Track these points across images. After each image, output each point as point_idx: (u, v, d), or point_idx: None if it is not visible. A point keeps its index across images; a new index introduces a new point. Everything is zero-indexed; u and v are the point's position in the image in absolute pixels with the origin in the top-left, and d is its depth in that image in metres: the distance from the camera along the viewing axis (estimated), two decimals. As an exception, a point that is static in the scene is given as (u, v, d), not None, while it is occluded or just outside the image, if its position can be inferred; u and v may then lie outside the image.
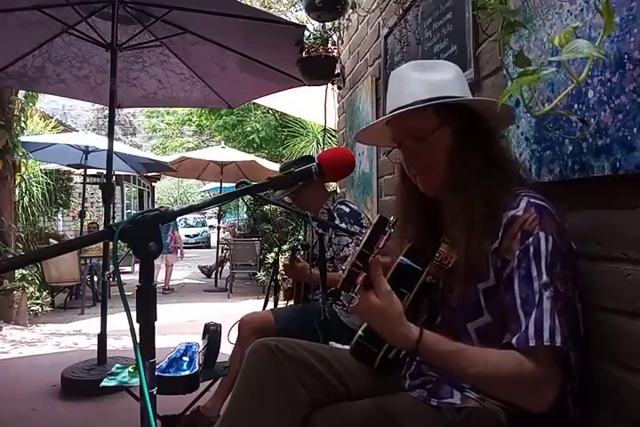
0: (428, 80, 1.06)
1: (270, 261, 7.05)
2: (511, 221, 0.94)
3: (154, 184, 18.50)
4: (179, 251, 8.51)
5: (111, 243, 0.79)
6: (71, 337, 4.63)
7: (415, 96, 1.05)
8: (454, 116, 1.04)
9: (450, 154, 1.04)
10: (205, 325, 2.12)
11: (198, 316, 5.32)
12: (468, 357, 0.91)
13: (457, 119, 1.04)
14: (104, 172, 4.15)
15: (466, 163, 1.02)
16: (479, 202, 0.98)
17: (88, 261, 6.53)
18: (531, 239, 0.91)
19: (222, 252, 9.11)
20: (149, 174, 11.74)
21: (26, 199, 6.78)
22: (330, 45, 2.97)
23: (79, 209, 7.64)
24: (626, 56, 0.90)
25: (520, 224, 0.93)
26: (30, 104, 5.39)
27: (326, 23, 3.01)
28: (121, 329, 3.82)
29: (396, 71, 1.13)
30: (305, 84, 3.25)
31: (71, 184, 8.81)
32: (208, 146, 13.64)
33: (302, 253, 2.32)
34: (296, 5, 8.98)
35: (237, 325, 2.12)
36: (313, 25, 3.28)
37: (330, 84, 3.36)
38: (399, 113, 1.04)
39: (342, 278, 0.90)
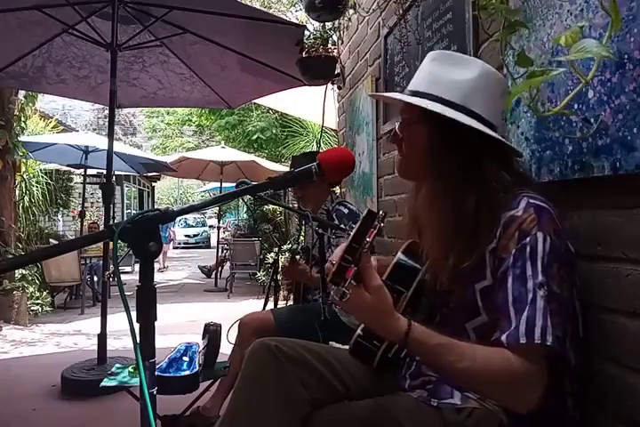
0: (437, 74, 1.05)
1: (270, 261, 7.05)
2: (509, 221, 0.94)
3: (154, 184, 18.53)
4: (172, 242, 13.60)
5: (111, 243, 0.79)
6: (71, 337, 4.63)
7: (417, 86, 1.07)
8: (436, 119, 1.00)
9: (422, 150, 1.06)
10: (205, 325, 2.11)
11: (198, 316, 5.32)
12: (456, 351, 0.90)
13: (435, 122, 1.01)
14: (104, 172, 4.15)
15: (435, 161, 1.03)
16: (440, 203, 1.01)
17: (88, 261, 6.53)
18: (528, 239, 0.91)
19: (222, 252, 9.11)
20: (149, 174, 11.75)
21: (26, 199, 6.78)
22: (330, 45, 2.97)
23: (79, 209, 7.66)
24: (626, 56, 0.90)
25: (518, 224, 0.93)
26: (30, 104, 5.38)
27: (326, 23, 3.01)
28: (121, 329, 3.82)
29: (429, 54, 1.12)
30: (305, 84, 3.25)
31: (71, 184, 8.82)
32: (208, 146, 13.65)
33: (302, 254, 2.32)
34: (296, 5, 8.98)
35: (237, 325, 2.12)
36: (313, 25, 3.28)
37: (330, 84, 3.36)
38: (386, 97, 1.14)
39: (332, 273, 0.90)
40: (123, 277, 1.43)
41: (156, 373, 1.07)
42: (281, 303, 2.40)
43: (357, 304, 0.91)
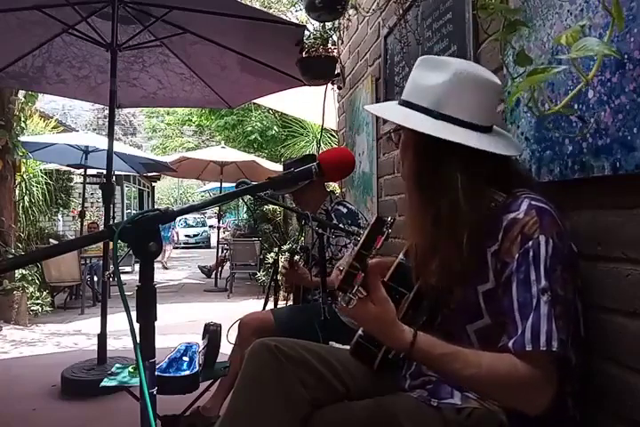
0: (416, 81, 1.07)
1: (270, 261, 7.05)
2: (511, 224, 0.94)
3: (154, 184, 18.53)
4: (173, 242, 14.07)
5: (111, 243, 0.79)
6: (71, 337, 4.63)
7: (404, 93, 1.09)
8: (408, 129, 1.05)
9: (408, 154, 1.09)
10: (205, 325, 2.11)
11: (198, 316, 5.32)
12: (461, 359, 0.90)
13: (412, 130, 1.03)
14: (104, 172, 4.15)
15: (415, 164, 1.06)
16: (417, 207, 1.05)
17: (88, 261, 6.53)
18: (530, 243, 0.91)
19: (222, 252, 9.11)
20: (149, 174, 11.74)
21: (26, 199, 6.78)
22: (330, 45, 2.97)
23: (79, 209, 7.66)
24: (626, 56, 0.90)
25: (520, 227, 0.93)
26: (30, 104, 5.38)
27: (326, 23, 3.01)
28: (121, 329, 3.81)
29: (417, 60, 1.13)
30: (305, 84, 3.25)
31: (71, 184, 8.81)
32: (208, 146, 13.65)
33: (301, 254, 2.32)
34: (296, 5, 8.99)
35: (237, 325, 2.12)
36: (313, 25, 3.28)
37: (330, 84, 3.36)
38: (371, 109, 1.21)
39: (340, 280, 0.90)
40: (123, 277, 1.43)
41: (156, 373, 1.07)
42: (281, 303, 2.40)
43: (363, 315, 0.93)
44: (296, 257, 2.23)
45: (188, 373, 1.87)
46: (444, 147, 0.98)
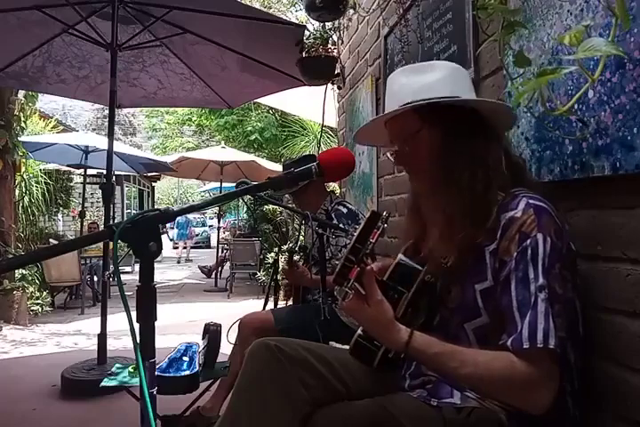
0: (414, 83, 1.07)
1: (270, 261, 7.05)
2: (509, 223, 0.94)
3: (154, 184, 18.54)
4: (192, 238, 15.39)
5: (111, 243, 0.79)
6: (71, 337, 4.63)
7: (400, 100, 1.06)
8: (437, 117, 1.03)
9: (433, 155, 1.05)
10: (205, 325, 2.12)
11: (198, 316, 5.32)
12: (457, 358, 0.91)
13: (441, 120, 1.03)
14: (104, 172, 4.15)
15: (448, 163, 1.02)
16: (458, 201, 1.00)
17: (88, 261, 6.52)
18: (529, 241, 0.91)
19: (222, 252, 9.11)
20: (149, 174, 11.74)
21: (26, 199, 6.78)
22: (330, 45, 2.97)
23: (79, 209, 7.65)
24: (626, 56, 0.90)
25: (518, 226, 0.93)
26: (30, 104, 5.38)
27: (326, 23, 3.01)
28: (121, 329, 3.82)
29: (389, 76, 1.15)
30: (305, 84, 3.25)
31: (71, 184, 8.81)
32: (208, 146, 13.63)
33: (301, 254, 2.32)
34: (296, 5, 8.98)
35: (237, 325, 2.12)
36: (313, 25, 3.28)
37: (330, 84, 3.36)
38: (379, 117, 1.12)
39: (335, 273, 0.91)
40: (123, 277, 1.43)
41: (156, 373, 1.07)
42: (281, 303, 2.40)
43: (360, 316, 0.96)
44: (295, 257, 2.23)
45: (187, 373, 1.87)
46: (481, 126, 1.03)
